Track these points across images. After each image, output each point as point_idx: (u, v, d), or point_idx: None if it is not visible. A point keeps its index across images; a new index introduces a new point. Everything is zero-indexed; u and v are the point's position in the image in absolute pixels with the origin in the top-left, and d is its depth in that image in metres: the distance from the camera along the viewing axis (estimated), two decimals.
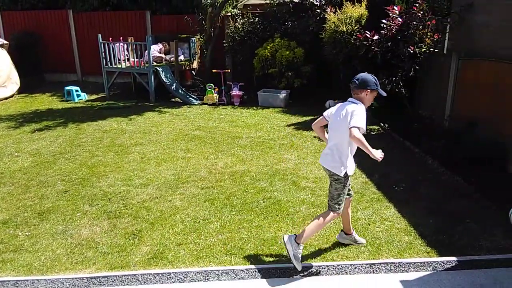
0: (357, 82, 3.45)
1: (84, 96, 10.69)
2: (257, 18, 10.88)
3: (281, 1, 10.59)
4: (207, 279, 3.42)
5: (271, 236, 4.07)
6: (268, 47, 10.04)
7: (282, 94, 9.56)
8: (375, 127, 7.86)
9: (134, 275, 3.49)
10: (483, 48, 6.36)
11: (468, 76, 6.35)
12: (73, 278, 3.45)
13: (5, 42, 11.34)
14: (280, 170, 5.73)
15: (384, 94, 3.56)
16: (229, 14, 11.18)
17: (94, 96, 10.90)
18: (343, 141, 3.43)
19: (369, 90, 3.43)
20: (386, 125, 7.70)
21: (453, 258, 3.63)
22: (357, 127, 3.23)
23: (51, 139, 7.20)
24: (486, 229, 4.15)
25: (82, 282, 3.41)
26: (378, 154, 3.29)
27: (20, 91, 11.10)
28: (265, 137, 7.27)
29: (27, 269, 3.62)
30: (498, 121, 5.65)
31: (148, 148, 6.75)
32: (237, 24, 10.84)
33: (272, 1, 10.68)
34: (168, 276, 3.46)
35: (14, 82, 11.01)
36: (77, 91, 10.54)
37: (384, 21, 7.24)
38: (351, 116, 3.29)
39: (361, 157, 6.12)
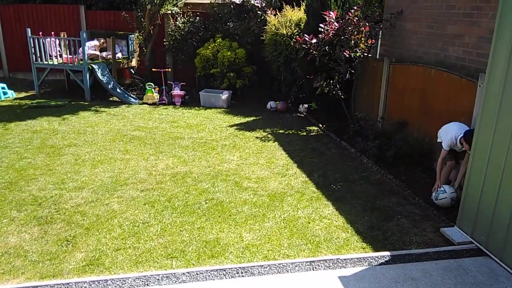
0: None
1: (11, 94, 9.92)
2: (198, 18, 10.78)
3: (222, 1, 10.57)
4: (147, 284, 3.32)
5: (213, 238, 4.04)
6: (210, 47, 9.98)
7: (224, 95, 9.55)
8: (314, 128, 8.09)
9: (68, 283, 3.30)
10: (411, 54, 6.79)
11: (398, 80, 6.76)
12: None
13: None
14: (223, 171, 5.71)
15: None
16: (169, 12, 10.95)
17: (23, 94, 10.16)
18: None
19: None
20: (324, 126, 7.97)
21: (387, 253, 3.84)
22: None
23: None
24: (416, 224, 4.43)
25: None
26: None
27: None
28: (207, 137, 7.21)
29: None
30: (425, 121, 6.07)
31: (83, 149, 6.43)
32: (177, 22, 10.66)
33: (213, 1, 10.63)
34: (105, 283, 3.31)
35: None
36: (3, 88, 9.76)
37: (321, 25, 7.48)
38: None
39: (300, 157, 6.29)
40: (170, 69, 10.84)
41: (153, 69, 10.29)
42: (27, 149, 6.33)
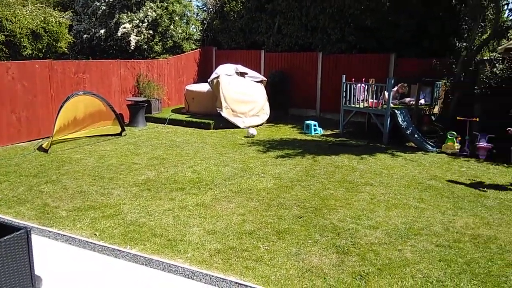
0: None
1: (320, 131, 11.44)
2: None
3: None
4: None
5: None
6: None
7: None
8: None
9: None
10: None
11: None
12: None
13: (264, 78, 13.36)
14: None
15: None
16: (486, 58, 10.09)
17: (328, 132, 11.53)
18: None
19: None
20: None
21: None
22: None
23: (290, 166, 7.92)
24: None
25: None
26: None
27: (268, 120, 12.79)
28: None
29: (265, 280, 3.98)
30: None
31: (378, 190, 6.61)
32: (495, 69, 9.67)
33: None
34: None
35: (265, 113, 12.79)
36: (314, 125, 11.38)
37: None
38: None
39: None
40: (477, 119, 9.89)
41: (458, 118, 9.66)
42: (330, 181, 7.04)
